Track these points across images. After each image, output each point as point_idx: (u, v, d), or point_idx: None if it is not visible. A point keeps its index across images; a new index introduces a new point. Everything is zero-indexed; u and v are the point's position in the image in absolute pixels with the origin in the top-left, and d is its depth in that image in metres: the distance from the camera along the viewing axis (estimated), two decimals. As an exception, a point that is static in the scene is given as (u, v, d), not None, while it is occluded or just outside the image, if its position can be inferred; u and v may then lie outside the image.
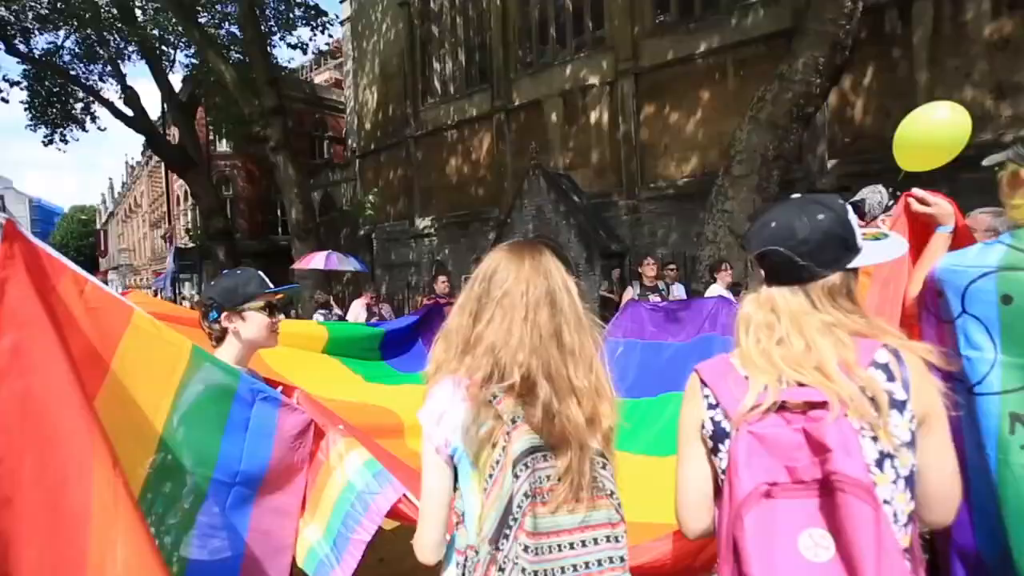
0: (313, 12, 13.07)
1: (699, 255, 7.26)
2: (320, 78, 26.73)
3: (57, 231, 67.33)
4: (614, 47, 11.41)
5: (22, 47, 12.71)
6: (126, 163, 42.55)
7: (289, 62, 16.43)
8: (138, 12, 12.43)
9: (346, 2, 16.27)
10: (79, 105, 15.14)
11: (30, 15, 12.09)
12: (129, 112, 13.24)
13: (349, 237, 16.60)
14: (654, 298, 4.71)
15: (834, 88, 8.39)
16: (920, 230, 1.59)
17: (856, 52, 9.21)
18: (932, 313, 1.36)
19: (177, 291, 19.81)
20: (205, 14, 12.25)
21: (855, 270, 1.00)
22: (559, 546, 0.95)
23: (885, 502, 0.88)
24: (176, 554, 1.15)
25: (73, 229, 61.78)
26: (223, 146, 20.37)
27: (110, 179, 52.19)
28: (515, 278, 1.04)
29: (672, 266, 7.48)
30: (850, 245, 0.97)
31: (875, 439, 0.88)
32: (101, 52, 13.43)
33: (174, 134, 16.31)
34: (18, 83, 13.05)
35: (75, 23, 12.60)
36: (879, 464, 0.89)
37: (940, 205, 1.55)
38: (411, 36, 14.56)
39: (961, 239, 1.53)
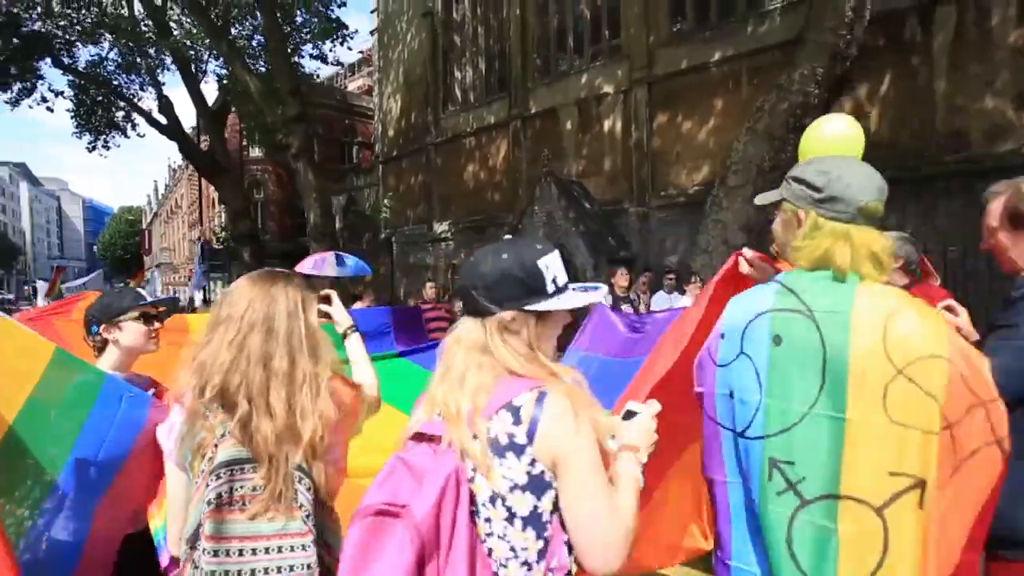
0: (335, 25, 13.59)
1: (692, 264, 7.28)
2: (353, 85, 27.58)
3: (107, 230, 70.86)
4: (629, 56, 11.48)
5: (66, 60, 13.60)
6: (168, 166, 44.55)
7: (316, 72, 16.99)
8: (173, 26, 13.14)
9: (375, 13, 16.78)
10: (120, 113, 16.09)
11: (76, 29, 12.95)
12: (163, 120, 14.01)
13: (371, 240, 17.07)
14: (625, 308, 4.79)
15: (848, 96, 8.28)
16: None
17: (871, 60, 9.07)
18: (710, 356, 1.31)
19: (209, 289, 20.67)
20: (236, 27, 12.91)
21: (544, 313, 1.03)
22: (253, 550, 1.05)
23: (499, 536, 0.94)
24: (24, 530, 1.31)
25: (121, 228, 64.93)
26: (256, 151, 21.23)
27: (155, 181, 54.64)
28: (239, 302, 1.16)
29: (671, 276, 7.50)
30: (533, 288, 1.01)
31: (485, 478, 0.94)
32: (140, 63, 14.26)
33: (206, 140, 17.13)
34: (61, 93, 13.96)
35: (115, 36, 13.46)
36: (492, 501, 0.94)
37: (765, 270, 1.50)
38: (433, 45, 14.92)
39: None
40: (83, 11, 13.23)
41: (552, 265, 1.04)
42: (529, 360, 1.00)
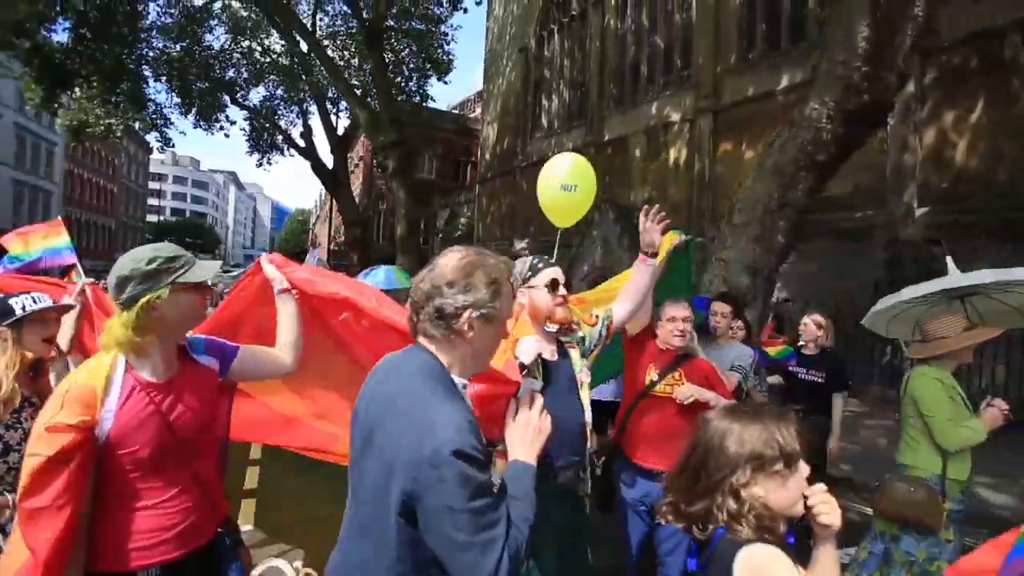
0: (440, 66, 15.72)
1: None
2: (478, 111, 30.29)
3: (284, 228, 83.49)
4: (697, 85, 11.69)
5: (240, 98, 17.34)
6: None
7: (431, 101, 19.33)
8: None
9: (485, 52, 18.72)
10: (279, 136, 19.82)
11: (244, 73, 16.56)
12: (303, 144, 17.14)
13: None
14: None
15: (933, 125, 7.83)
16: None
17: (959, 84, 8.43)
18: None
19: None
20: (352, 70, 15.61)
21: None
22: None
23: None
24: None
25: (295, 227, 76.14)
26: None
27: (320, 190, 63.40)
28: None
29: None
30: None
31: None
32: (293, 98, 17.64)
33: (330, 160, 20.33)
34: (234, 123, 17.75)
35: (279, 77, 16.93)
36: None
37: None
38: (526, 77, 16.26)
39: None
40: (256, 58, 16.84)
41: None
42: None
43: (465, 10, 16.64)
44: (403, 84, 17.28)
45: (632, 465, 2.65)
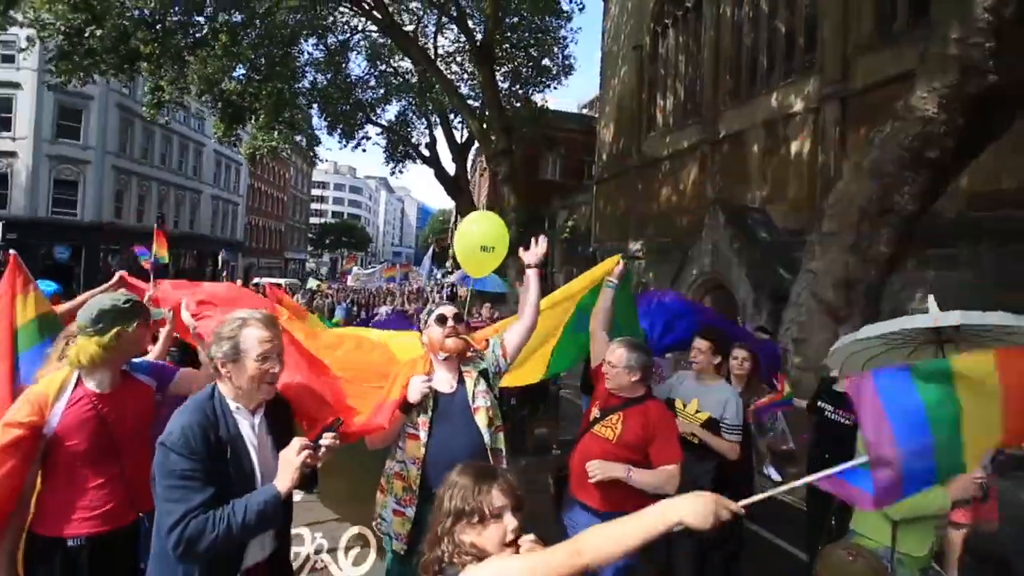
0: (546, 73, 16.33)
1: (783, 317, 7.09)
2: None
3: (426, 227, 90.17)
4: (822, 68, 10.87)
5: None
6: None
7: (545, 104, 20.00)
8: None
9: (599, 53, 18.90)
10: (408, 148, 21.94)
11: (378, 93, 18.69)
12: (427, 153, 18.93)
13: (582, 254, 19.27)
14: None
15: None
16: None
17: None
18: None
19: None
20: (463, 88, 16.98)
21: None
22: None
23: None
24: None
25: (436, 227, 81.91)
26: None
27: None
28: None
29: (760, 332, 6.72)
30: None
31: None
32: (419, 111, 19.48)
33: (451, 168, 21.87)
34: (369, 138, 20.01)
35: (410, 95, 18.90)
36: None
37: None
38: (640, 76, 16.17)
39: None
40: (389, 79, 18.91)
41: None
42: None
43: (582, 7, 17.03)
44: (519, 91, 18.19)
45: (571, 495, 2.74)
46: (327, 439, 1.72)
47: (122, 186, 26.07)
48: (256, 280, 24.57)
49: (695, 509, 1.19)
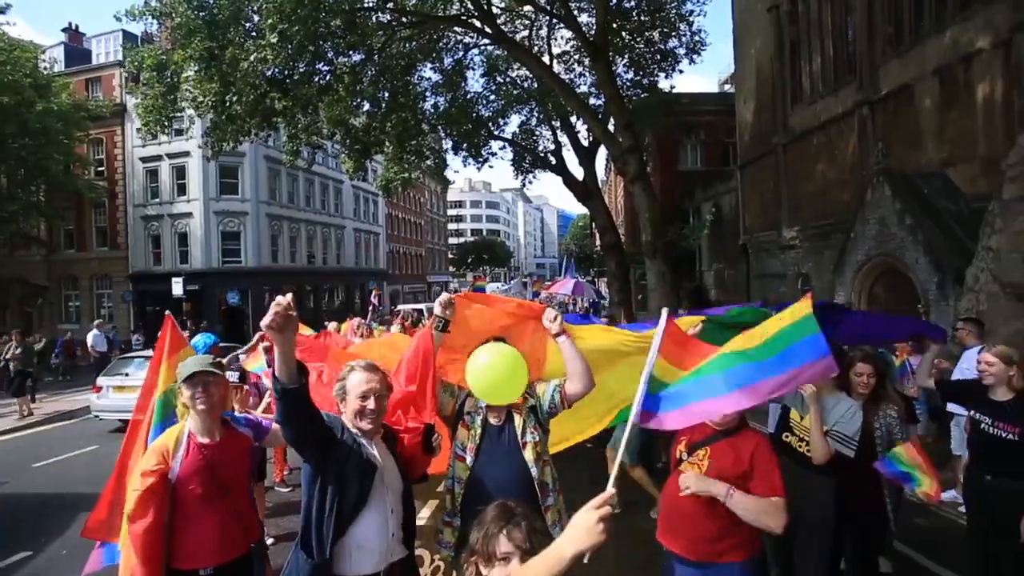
0: (671, 57, 16.12)
1: (956, 306, 6.42)
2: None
3: (567, 234, 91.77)
4: (1013, -9, 9.52)
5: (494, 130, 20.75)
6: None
7: (672, 89, 19.57)
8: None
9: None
10: (534, 159, 22.80)
11: (498, 106, 19.79)
12: (553, 160, 19.51)
13: (731, 246, 18.50)
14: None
15: None
16: None
17: None
18: None
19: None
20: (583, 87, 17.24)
21: None
22: None
23: None
24: None
25: (576, 232, 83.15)
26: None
27: (598, 191, 67.71)
28: None
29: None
30: None
31: None
32: (542, 118, 20.25)
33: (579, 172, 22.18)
34: (494, 154, 21.15)
35: (523, 105, 19.83)
36: None
37: None
38: (779, 40, 15.27)
39: None
40: (508, 91, 20.01)
41: None
42: None
43: None
44: (643, 80, 18.15)
45: (658, 542, 2.79)
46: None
47: (275, 231, 30.42)
48: (400, 307, 27.09)
49: (576, 531, 1.32)
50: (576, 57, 19.30)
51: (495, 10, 15.91)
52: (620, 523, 1.89)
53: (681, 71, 18.14)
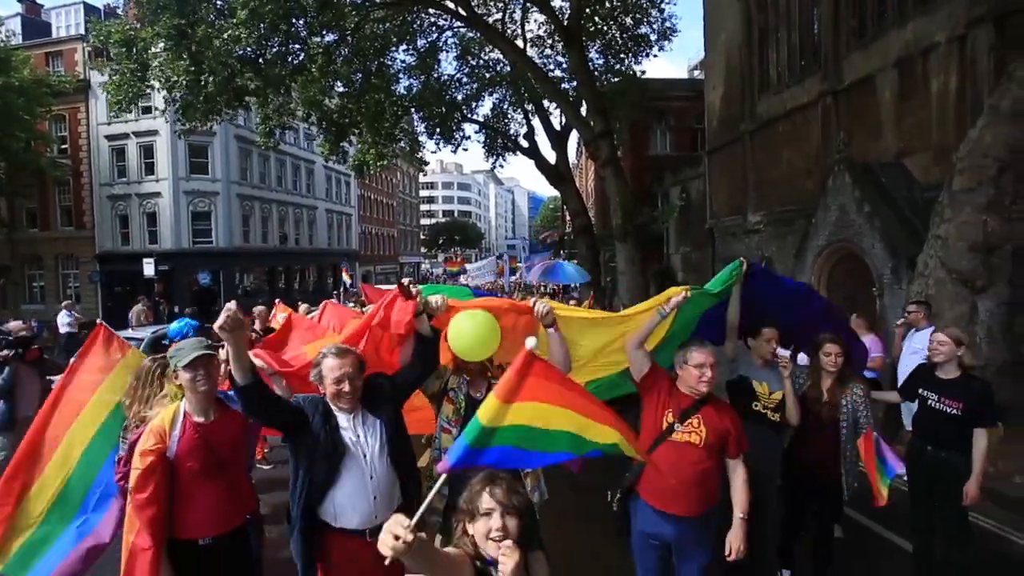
0: (643, 41, 16.11)
1: (908, 290, 6.67)
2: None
3: (538, 216, 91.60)
4: (970, -13, 9.75)
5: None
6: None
7: (642, 74, 19.56)
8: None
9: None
10: (507, 141, 22.64)
11: (475, 87, 19.56)
12: (526, 144, 19.43)
13: (699, 230, 18.80)
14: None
15: None
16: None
17: None
18: None
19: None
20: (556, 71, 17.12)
21: None
22: None
23: None
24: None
25: (547, 214, 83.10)
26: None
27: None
28: None
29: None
30: None
31: None
32: (515, 102, 20.09)
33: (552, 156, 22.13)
34: (468, 137, 20.98)
35: (496, 88, 19.60)
36: None
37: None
38: (748, 28, 15.40)
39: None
40: (481, 74, 19.77)
41: None
42: None
43: None
44: (615, 65, 18.12)
45: (648, 507, 2.96)
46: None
47: (247, 211, 29.71)
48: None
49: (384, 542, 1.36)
50: (549, 42, 19.15)
51: (469, -8, 15.64)
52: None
53: (655, 55, 18.20)
